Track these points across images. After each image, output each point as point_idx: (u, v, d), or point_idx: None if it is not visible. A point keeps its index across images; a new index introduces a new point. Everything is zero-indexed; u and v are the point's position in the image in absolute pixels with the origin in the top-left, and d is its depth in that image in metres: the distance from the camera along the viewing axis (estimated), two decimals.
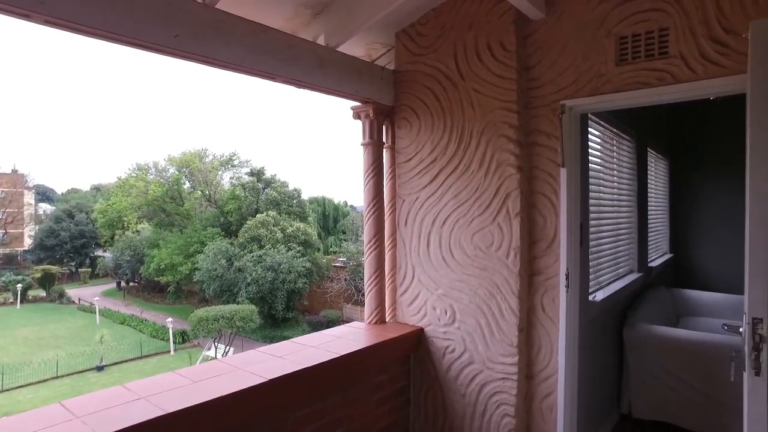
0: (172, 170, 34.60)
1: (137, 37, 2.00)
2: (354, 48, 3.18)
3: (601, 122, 3.70)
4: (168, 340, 23.91)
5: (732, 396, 2.98)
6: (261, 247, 25.82)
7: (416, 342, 3.20)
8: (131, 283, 37.12)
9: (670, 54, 2.47)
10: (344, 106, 3.29)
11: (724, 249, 5.99)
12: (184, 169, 33.94)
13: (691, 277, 6.38)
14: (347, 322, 3.43)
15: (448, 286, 3.08)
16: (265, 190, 31.35)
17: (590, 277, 3.35)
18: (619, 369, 4.02)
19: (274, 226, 26.83)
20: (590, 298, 3.31)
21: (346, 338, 2.99)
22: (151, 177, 34.76)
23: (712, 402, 3.53)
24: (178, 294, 31.59)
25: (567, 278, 2.79)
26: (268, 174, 32.80)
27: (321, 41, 2.90)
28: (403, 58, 3.27)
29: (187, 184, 34.81)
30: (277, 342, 2.97)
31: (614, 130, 4.08)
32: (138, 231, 34.50)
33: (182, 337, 24.35)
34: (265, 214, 27.85)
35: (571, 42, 2.75)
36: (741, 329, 1.81)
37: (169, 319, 24.27)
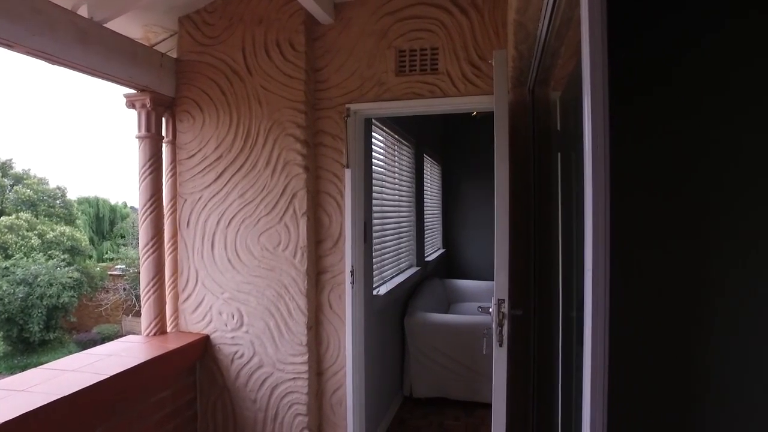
0: None
1: None
2: (129, 27, 2.81)
3: (384, 128, 3.99)
4: None
5: (486, 366, 3.52)
6: (9, 257, 21.14)
7: (201, 351, 2.99)
8: None
9: (440, 71, 2.80)
10: (119, 92, 2.89)
11: (485, 244, 7.01)
12: None
13: (459, 268, 7.36)
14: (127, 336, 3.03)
15: (234, 289, 2.95)
16: (15, 187, 25.88)
17: (374, 272, 3.58)
18: (402, 356, 4.40)
19: (28, 231, 22.30)
20: (375, 292, 3.54)
21: (118, 356, 2.61)
22: None
23: (473, 373, 4.12)
24: None
25: (352, 275, 2.93)
26: (18, 168, 27.05)
27: (84, 13, 2.48)
28: (186, 46, 3.02)
29: None
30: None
31: (396, 136, 4.44)
32: None
33: None
34: (14, 216, 22.95)
35: (357, 49, 2.90)
36: (491, 309, 2.13)
37: None
